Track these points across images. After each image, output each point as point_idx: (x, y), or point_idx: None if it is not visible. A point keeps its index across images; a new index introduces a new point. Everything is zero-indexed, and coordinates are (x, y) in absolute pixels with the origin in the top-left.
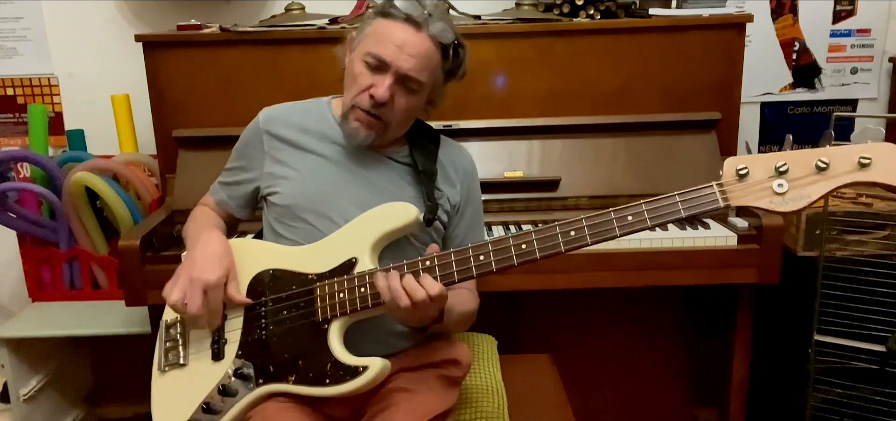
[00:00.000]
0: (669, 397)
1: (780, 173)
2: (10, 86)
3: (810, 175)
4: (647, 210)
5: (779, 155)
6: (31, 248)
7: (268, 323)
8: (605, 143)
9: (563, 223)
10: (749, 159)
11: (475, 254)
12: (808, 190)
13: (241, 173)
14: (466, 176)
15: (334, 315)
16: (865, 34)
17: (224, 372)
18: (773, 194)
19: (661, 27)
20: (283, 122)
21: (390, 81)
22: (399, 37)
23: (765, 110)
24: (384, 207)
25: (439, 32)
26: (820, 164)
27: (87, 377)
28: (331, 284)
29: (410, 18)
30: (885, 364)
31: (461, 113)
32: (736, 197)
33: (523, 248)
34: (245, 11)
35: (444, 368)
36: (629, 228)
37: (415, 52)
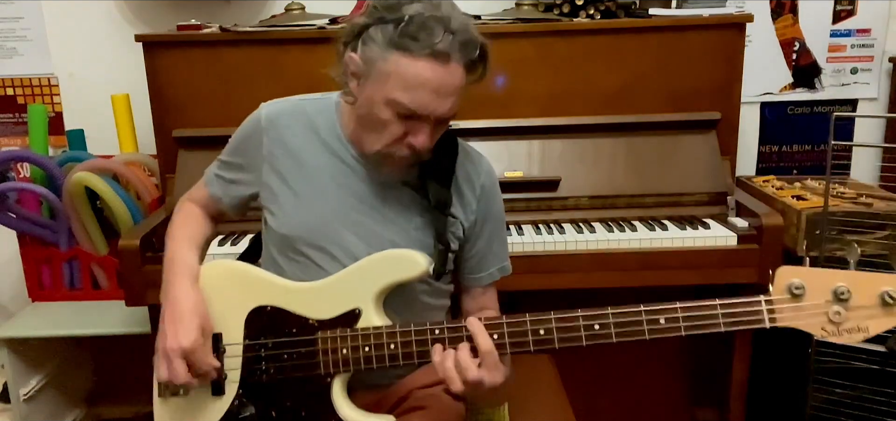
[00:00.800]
0: (669, 397)
1: (841, 300)
2: (10, 86)
3: (873, 307)
4: (683, 319)
5: (839, 275)
6: (31, 248)
7: (268, 366)
8: (606, 143)
9: (587, 315)
10: (806, 275)
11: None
12: (868, 323)
13: (237, 172)
14: (484, 193)
15: (337, 371)
16: (865, 34)
17: (225, 409)
18: (828, 322)
19: (661, 27)
20: (286, 126)
21: (432, 129)
22: (431, 80)
23: (765, 110)
24: (391, 256)
25: (466, 51)
26: (888, 298)
27: (87, 377)
28: (333, 337)
29: (437, 53)
30: (885, 364)
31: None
32: (785, 319)
33: (541, 334)
34: (245, 11)
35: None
36: (660, 334)
37: (451, 91)
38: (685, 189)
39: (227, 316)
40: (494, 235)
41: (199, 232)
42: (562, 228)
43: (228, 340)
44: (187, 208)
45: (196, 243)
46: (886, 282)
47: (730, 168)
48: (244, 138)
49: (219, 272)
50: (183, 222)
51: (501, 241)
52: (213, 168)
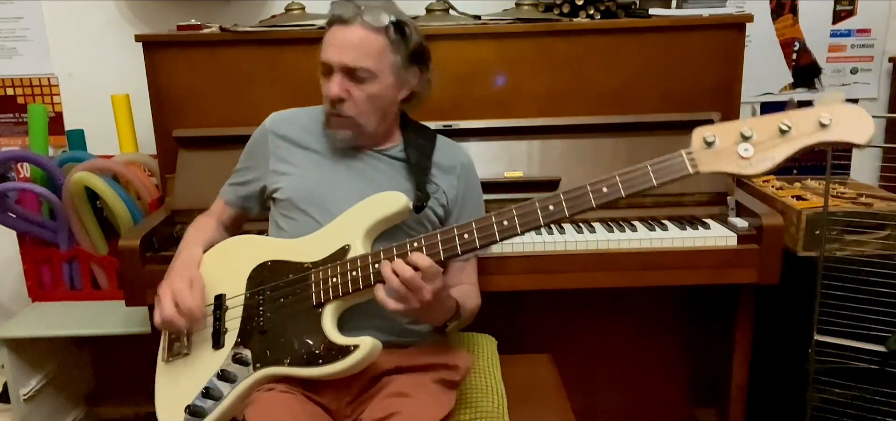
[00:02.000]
0: (669, 397)
1: (746, 138)
2: (10, 86)
3: (774, 138)
4: (620, 180)
5: (743, 122)
6: (31, 248)
7: (265, 311)
8: (605, 143)
9: (541, 198)
10: (716, 128)
11: (459, 232)
12: (773, 153)
13: (248, 173)
14: (463, 170)
15: (328, 299)
16: (865, 34)
17: (223, 359)
18: (740, 158)
19: (661, 27)
20: (288, 122)
21: (338, 78)
22: (335, 38)
23: (765, 110)
24: (375, 197)
25: (372, 18)
26: (783, 127)
27: (87, 377)
28: (324, 269)
29: (340, 19)
30: (885, 364)
31: (461, 113)
32: (704, 163)
33: (505, 224)
34: (245, 11)
35: (444, 371)
36: (605, 199)
37: (349, 44)
38: (685, 189)
39: (232, 277)
40: (476, 213)
41: (208, 236)
42: (562, 228)
43: (231, 293)
44: (201, 220)
45: (202, 242)
46: (782, 117)
47: None
48: (253, 145)
49: (228, 244)
50: (195, 230)
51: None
52: (226, 184)
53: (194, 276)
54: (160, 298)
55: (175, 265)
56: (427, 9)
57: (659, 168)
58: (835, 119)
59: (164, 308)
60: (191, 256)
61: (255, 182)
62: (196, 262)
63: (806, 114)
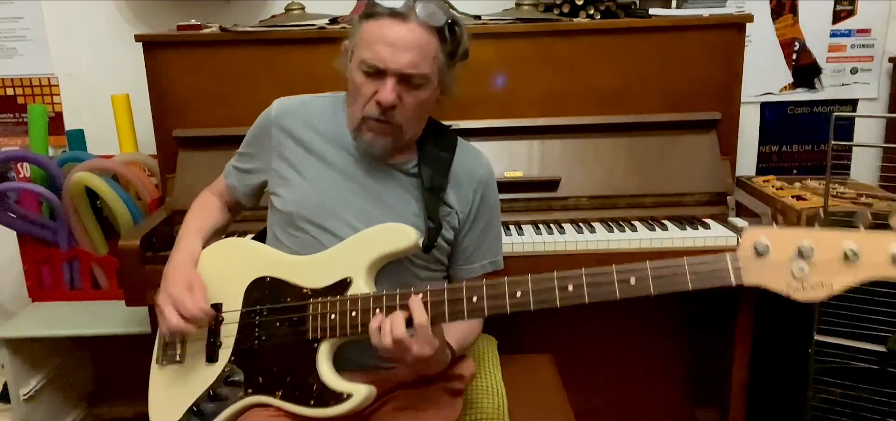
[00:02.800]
0: (670, 397)
1: (803, 256)
2: (10, 86)
3: (836, 262)
4: (652, 276)
5: (805, 232)
6: (31, 248)
7: (261, 332)
8: (605, 144)
9: (561, 276)
10: (772, 234)
11: (469, 295)
12: (831, 280)
13: (250, 161)
14: (480, 185)
15: (324, 336)
16: (865, 34)
17: (216, 376)
18: (792, 278)
19: (661, 27)
20: (295, 116)
21: (393, 83)
22: (388, 35)
23: (765, 110)
24: (384, 228)
25: (429, 17)
26: (849, 252)
27: (87, 377)
28: (324, 303)
29: (395, 13)
30: (885, 364)
31: (461, 113)
32: (750, 275)
33: (518, 296)
34: (245, 11)
35: (448, 381)
36: (630, 293)
37: (408, 46)
38: (685, 189)
39: (229, 286)
40: (488, 229)
41: (209, 221)
42: (562, 227)
43: (228, 307)
44: (204, 198)
45: (202, 232)
46: (850, 239)
47: (730, 168)
48: (257, 132)
49: (225, 247)
50: (196, 211)
51: (495, 235)
52: (231, 160)
53: (192, 278)
54: (161, 309)
55: (173, 262)
56: None
57: (697, 272)
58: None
59: (169, 319)
60: (189, 252)
61: (257, 173)
62: (194, 259)
63: (880, 242)
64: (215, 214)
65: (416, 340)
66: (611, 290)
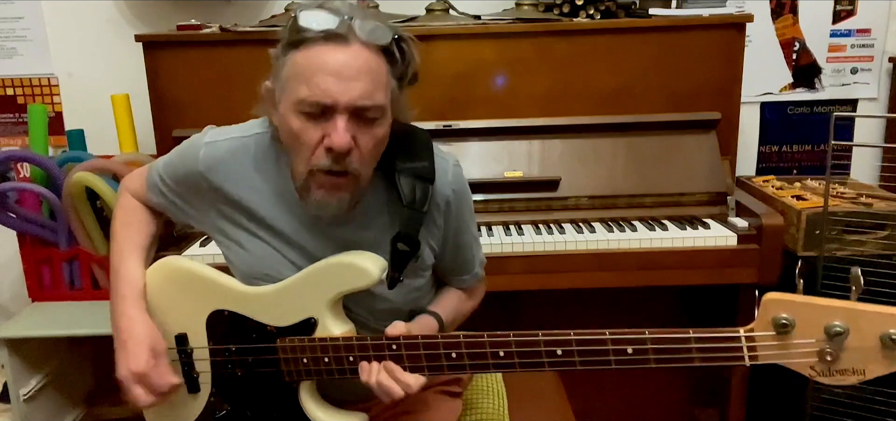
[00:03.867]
0: (669, 397)
1: (834, 337)
2: (10, 86)
3: (872, 348)
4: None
5: (836, 310)
6: (31, 248)
7: (235, 368)
8: (605, 143)
9: (547, 339)
10: (795, 308)
11: (447, 351)
12: (865, 366)
13: (181, 201)
14: (450, 207)
15: (300, 378)
16: (865, 34)
17: (203, 405)
18: (818, 361)
19: (661, 27)
20: (228, 173)
21: (344, 122)
22: (331, 63)
23: (765, 110)
24: (346, 262)
25: (372, 35)
26: (890, 340)
27: (87, 377)
28: (292, 346)
29: (331, 35)
30: None
31: (461, 113)
32: (766, 355)
33: (501, 356)
34: (245, 11)
35: (447, 384)
36: (627, 364)
37: (357, 73)
38: (685, 189)
39: (187, 317)
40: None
41: (144, 232)
42: (562, 227)
43: (194, 342)
44: (129, 207)
45: (141, 248)
46: (891, 322)
47: (730, 168)
48: (184, 175)
49: (171, 271)
50: (126, 220)
51: (475, 242)
52: (155, 174)
53: (155, 343)
54: (128, 389)
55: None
56: (427, 9)
57: (705, 349)
58: None
59: (140, 401)
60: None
61: (190, 218)
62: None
63: None
64: (148, 225)
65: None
66: (605, 359)
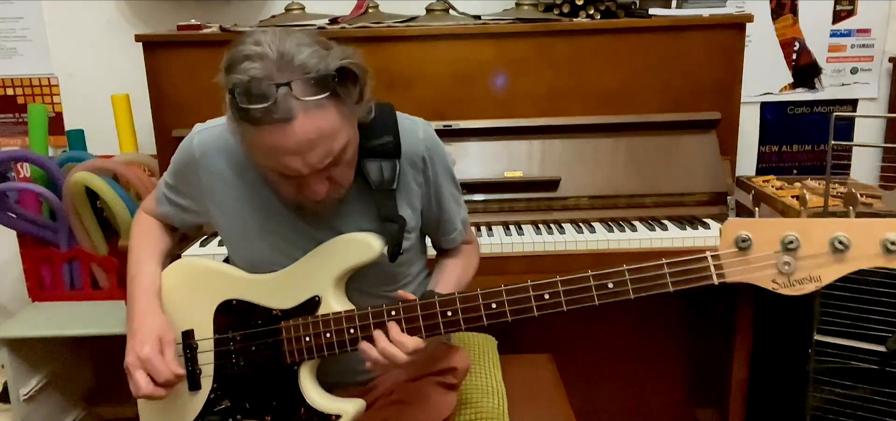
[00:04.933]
0: (669, 397)
1: (788, 249)
2: (10, 86)
3: (824, 255)
4: (630, 280)
5: (788, 225)
6: (31, 248)
7: (238, 358)
8: (605, 144)
9: (536, 285)
10: (753, 227)
11: (443, 310)
12: (820, 272)
13: (183, 198)
14: (425, 164)
15: (302, 359)
16: (865, 34)
17: (202, 403)
18: (778, 274)
19: (661, 27)
20: (220, 154)
21: (315, 181)
22: (286, 145)
23: (765, 110)
24: (346, 240)
25: (312, 91)
26: (838, 244)
27: (87, 377)
28: (296, 325)
29: (275, 120)
30: (885, 364)
31: (461, 113)
32: (733, 273)
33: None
34: (245, 11)
35: (442, 375)
36: (609, 298)
37: (312, 143)
38: (685, 189)
39: (196, 313)
40: (448, 197)
41: (159, 245)
42: (562, 227)
43: (200, 335)
44: (145, 222)
45: (156, 256)
46: (838, 228)
47: (730, 168)
48: (182, 167)
49: (185, 271)
50: (143, 235)
51: (456, 199)
52: (162, 186)
53: (164, 334)
54: (131, 372)
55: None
56: (427, 9)
57: (677, 273)
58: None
59: (141, 387)
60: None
61: (192, 213)
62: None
63: (869, 230)
64: (162, 239)
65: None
66: (588, 296)
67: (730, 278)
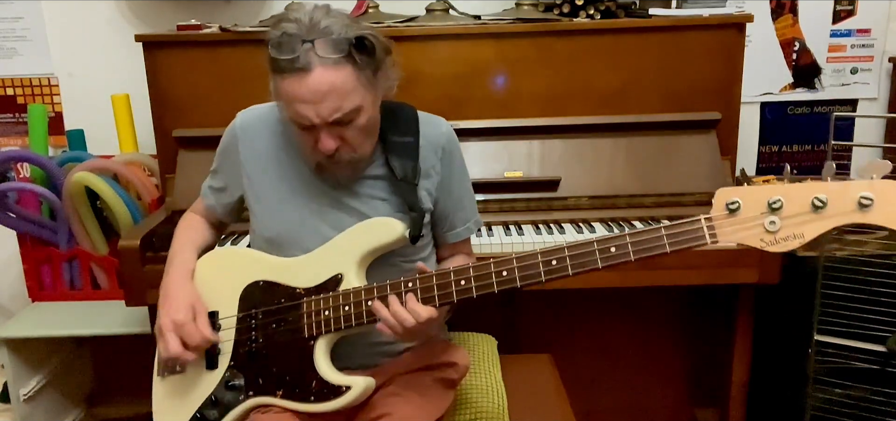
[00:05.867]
0: (669, 397)
1: (773, 210)
2: (10, 86)
3: (805, 214)
4: (631, 243)
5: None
6: (31, 248)
7: (258, 335)
8: (605, 144)
9: (545, 251)
10: (741, 192)
11: (456, 278)
12: (802, 229)
13: (222, 179)
14: (444, 153)
15: (320, 332)
16: (865, 34)
17: (217, 382)
18: (765, 232)
19: (661, 27)
20: (257, 133)
21: (326, 133)
22: (301, 92)
23: (765, 110)
24: (371, 223)
25: (331, 50)
26: (817, 202)
27: (87, 377)
28: (317, 300)
29: (296, 67)
30: (885, 364)
31: (461, 113)
32: (724, 233)
33: (504, 275)
34: (245, 11)
35: (441, 370)
36: (612, 260)
37: (323, 95)
38: (685, 189)
39: (224, 294)
40: (463, 190)
41: (199, 237)
42: (562, 227)
43: (224, 313)
44: (189, 218)
45: (195, 245)
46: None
47: (730, 168)
48: (224, 147)
49: (218, 256)
50: (185, 227)
51: (470, 196)
52: (206, 183)
53: (195, 302)
54: (163, 333)
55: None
56: (427, 9)
57: (674, 234)
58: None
59: (171, 347)
60: (185, 266)
61: (230, 191)
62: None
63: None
64: (203, 232)
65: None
66: (592, 259)
67: (722, 239)
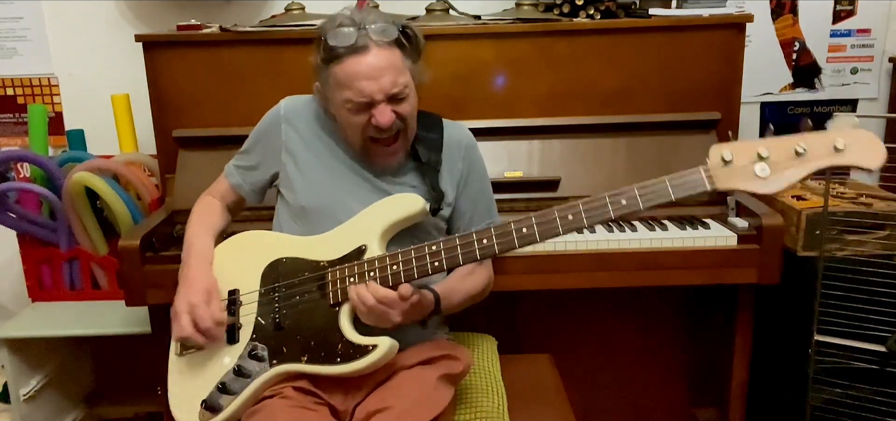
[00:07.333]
0: (669, 397)
1: (762, 158)
2: (10, 86)
3: (789, 159)
4: (639, 193)
5: (760, 142)
6: (31, 248)
7: (281, 307)
8: (605, 143)
9: (561, 208)
10: (733, 146)
11: (479, 238)
12: (787, 173)
13: (255, 157)
14: (467, 151)
15: (345, 298)
16: (865, 34)
17: (240, 353)
18: (756, 178)
19: (661, 27)
20: (303, 115)
21: (385, 106)
22: (361, 70)
23: (765, 110)
24: (392, 198)
25: (384, 34)
26: (798, 149)
27: (87, 377)
28: (342, 269)
29: (354, 48)
30: (885, 364)
31: (461, 113)
32: (721, 180)
33: (524, 232)
34: (245, 11)
35: (443, 366)
36: (623, 210)
37: (382, 70)
38: None
39: (245, 273)
40: (482, 190)
41: (215, 221)
42: None
43: (245, 290)
44: (206, 201)
45: (212, 231)
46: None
47: None
48: (264, 129)
49: (239, 239)
50: (201, 212)
51: (489, 197)
52: (231, 163)
53: (211, 286)
54: (177, 314)
55: (189, 264)
56: (427, 9)
57: (677, 183)
58: (848, 144)
59: (184, 328)
60: (203, 251)
61: (263, 169)
62: (209, 259)
63: (821, 137)
64: (219, 216)
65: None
66: (605, 211)
67: (719, 184)
